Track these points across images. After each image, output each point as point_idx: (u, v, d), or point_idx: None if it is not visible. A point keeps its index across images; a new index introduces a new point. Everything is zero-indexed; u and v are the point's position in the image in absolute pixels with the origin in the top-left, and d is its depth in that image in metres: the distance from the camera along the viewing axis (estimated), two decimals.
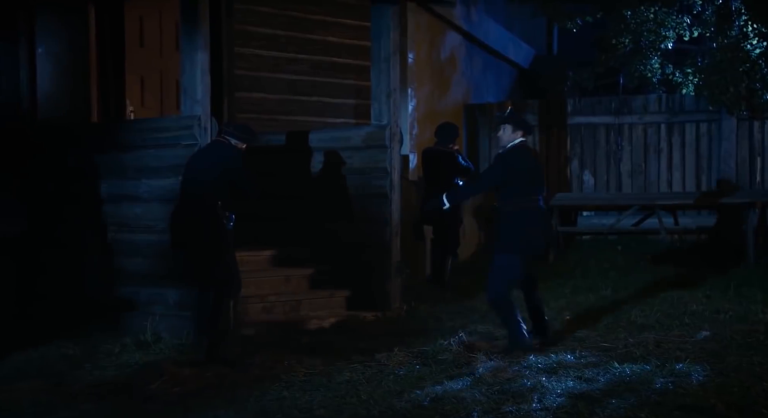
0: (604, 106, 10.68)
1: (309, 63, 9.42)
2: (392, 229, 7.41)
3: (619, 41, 10.19)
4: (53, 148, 7.25)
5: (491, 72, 11.87)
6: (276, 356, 5.71)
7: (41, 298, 7.09)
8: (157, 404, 4.80)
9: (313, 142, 7.90)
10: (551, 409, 4.44)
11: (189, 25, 6.46)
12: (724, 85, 9.50)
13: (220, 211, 5.94)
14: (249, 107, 8.96)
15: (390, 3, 7.39)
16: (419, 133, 10.30)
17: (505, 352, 5.64)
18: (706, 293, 7.81)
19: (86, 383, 5.23)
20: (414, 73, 10.36)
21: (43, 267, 7.19)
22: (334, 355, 5.74)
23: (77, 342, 6.22)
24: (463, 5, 10.90)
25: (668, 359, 5.32)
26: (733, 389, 4.73)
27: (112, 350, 6.03)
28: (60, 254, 7.11)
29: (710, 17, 10.00)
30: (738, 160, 10.00)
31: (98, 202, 6.95)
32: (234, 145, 6.10)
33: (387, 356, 5.58)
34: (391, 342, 6.09)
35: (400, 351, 5.71)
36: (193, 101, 6.44)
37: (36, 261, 7.19)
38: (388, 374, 5.21)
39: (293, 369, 5.40)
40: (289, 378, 5.21)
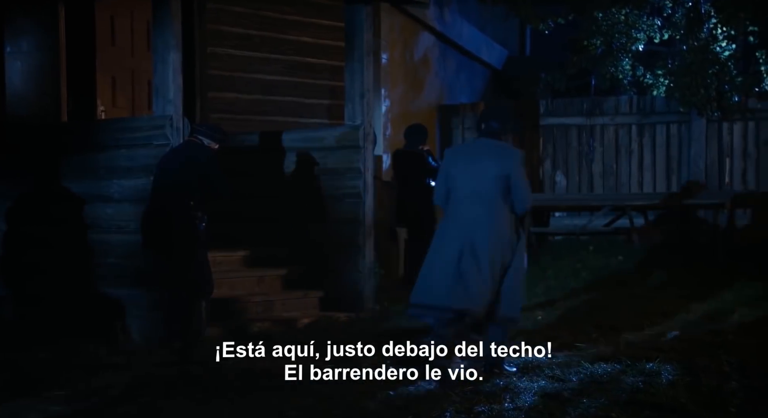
0: (576, 108, 10.77)
1: (283, 63, 9.40)
2: (366, 229, 7.42)
3: (591, 43, 10.27)
4: (24, 148, 7.17)
5: (465, 73, 11.91)
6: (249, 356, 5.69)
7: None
8: (128, 407, 4.76)
9: (287, 143, 7.88)
10: (523, 409, 4.47)
11: (161, 25, 6.42)
12: (695, 87, 9.61)
13: (193, 211, 5.92)
14: (222, 107, 8.92)
15: (363, 3, 7.40)
16: (393, 134, 10.32)
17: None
18: (676, 292, 7.90)
19: (57, 386, 5.17)
20: (388, 73, 10.37)
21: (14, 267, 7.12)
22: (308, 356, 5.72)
23: (47, 343, 6.16)
24: (437, 6, 10.94)
25: (639, 358, 5.37)
26: (703, 388, 4.78)
27: (83, 352, 5.97)
28: (33, 254, 7.03)
29: (680, 20, 10.11)
30: (708, 161, 10.12)
31: (69, 202, 6.88)
32: (206, 145, 6.08)
33: (360, 357, 5.58)
34: (364, 343, 6.09)
35: (373, 352, 5.71)
36: (166, 101, 6.40)
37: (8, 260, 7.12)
38: (362, 375, 5.20)
39: (267, 370, 5.38)
40: (262, 380, 5.19)
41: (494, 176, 5.18)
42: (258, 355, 5.71)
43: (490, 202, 5.19)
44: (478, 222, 5.18)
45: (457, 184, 5.28)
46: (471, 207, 5.21)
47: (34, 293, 6.98)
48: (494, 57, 12.43)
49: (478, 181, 5.21)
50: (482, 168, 5.21)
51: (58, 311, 6.77)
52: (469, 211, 5.21)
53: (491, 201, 5.19)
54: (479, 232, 5.17)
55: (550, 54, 12.12)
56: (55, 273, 6.94)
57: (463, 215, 5.23)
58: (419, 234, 8.52)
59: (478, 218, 5.18)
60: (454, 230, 5.25)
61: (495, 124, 5.34)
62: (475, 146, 5.39)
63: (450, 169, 5.34)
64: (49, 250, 6.99)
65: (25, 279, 7.06)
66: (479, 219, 5.18)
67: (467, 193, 5.24)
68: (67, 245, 6.91)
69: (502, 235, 5.21)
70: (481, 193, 5.19)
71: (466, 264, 5.17)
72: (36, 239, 7.06)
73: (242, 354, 5.75)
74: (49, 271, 6.97)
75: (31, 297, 6.97)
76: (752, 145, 9.97)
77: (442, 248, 5.29)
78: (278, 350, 5.94)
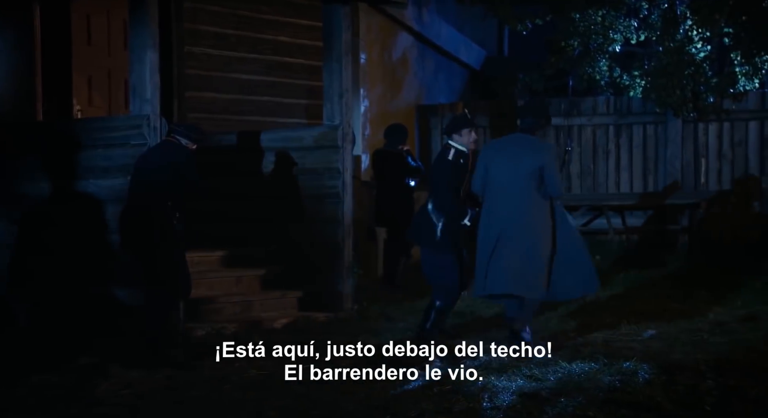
0: (553, 108, 10.80)
1: (261, 63, 9.38)
2: (344, 229, 7.41)
3: (568, 44, 10.32)
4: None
5: (443, 73, 11.93)
6: (227, 357, 5.67)
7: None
8: (105, 408, 4.72)
9: (265, 143, 7.86)
10: (502, 408, 4.49)
11: (138, 24, 6.38)
12: (671, 88, 9.68)
13: (170, 211, 5.88)
14: (200, 107, 8.88)
15: (341, 3, 7.39)
16: (372, 134, 10.32)
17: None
18: (652, 291, 7.96)
19: (31, 386, 5.12)
20: (366, 73, 10.37)
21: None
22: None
23: (23, 345, 6.10)
24: (415, 7, 10.95)
25: (616, 357, 5.41)
26: (679, 386, 4.82)
27: (59, 352, 5.92)
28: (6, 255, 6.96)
29: (656, 21, 10.18)
30: (683, 161, 10.20)
31: (44, 202, 6.82)
32: (184, 145, 6.04)
33: (339, 357, 5.58)
34: (342, 342, 6.09)
35: (351, 351, 5.71)
36: (143, 101, 6.36)
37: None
38: (340, 375, 5.20)
39: (244, 370, 5.36)
40: (240, 380, 5.17)
41: (530, 168, 5.70)
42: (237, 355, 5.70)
43: (526, 193, 5.70)
44: (517, 212, 5.70)
45: (496, 177, 5.79)
46: (510, 198, 5.73)
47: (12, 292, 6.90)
48: (472, 57, 12.46)
49: (515, 174, 5.72)
50: (519, 161, 5.74)
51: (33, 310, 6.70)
52: (509, 202, 5.73)
53: (527, 191, 5.70)
54: (518, 221, 5.69)
55: (529, 54, 12.17)
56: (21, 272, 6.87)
57: (503, 207, 5.75)
58: (398, 234, 8.52)
59: (517, 208, 5.70)
60: (496, 223, 5.75)
61: (530, 119, 5.88)
62: (511, 141, 5.91)
63: (488, 161, 5.85)
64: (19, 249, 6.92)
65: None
66: (518, 209, 5.70)
67: (505, 185, 5.74)
68: (40, 245, 6.85)
69: (539, 221, 5.72)
70: (519, 184, 5.71)
71: (501, 252, 5.67)
72: (6, 239, 6.98)
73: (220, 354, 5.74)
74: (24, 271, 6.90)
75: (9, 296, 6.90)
76: (727, 146, 10.06)
77: (488, 241, 5.76)
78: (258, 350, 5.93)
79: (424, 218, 6.13)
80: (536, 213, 5.72)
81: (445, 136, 6.51)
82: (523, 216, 5.69)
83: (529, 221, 5.70)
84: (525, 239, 5.68)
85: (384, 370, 5.28)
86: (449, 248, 6.03)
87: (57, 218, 6.79)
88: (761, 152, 9.93)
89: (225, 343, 6.16)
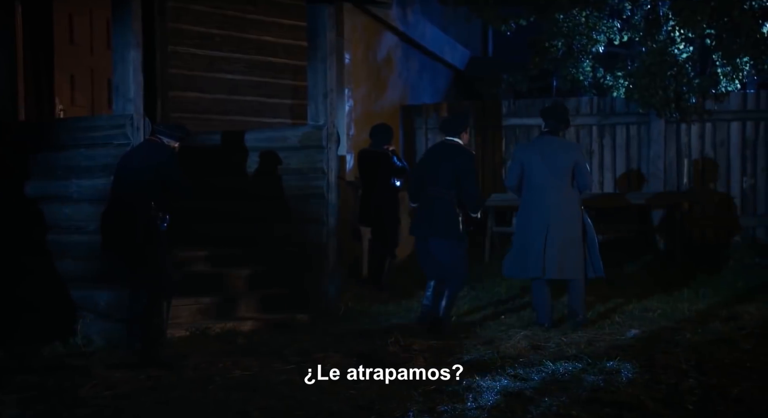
0: (538, 108, 10.75)
1: (245, 62, 9.35)
2: (329, 229, 7.41)
3: (552, 44, 10.35)
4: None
5: (427, 73, 11.94)
6: (211, 357, 5.65)
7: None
8: (88, 409, 4.70)
9: (249, 142, 7.84)
10: (486, 408, 4.50)
11: (121, 23, 6.35)
12: (653, 89, 9.72)
13: (153, 211, 5.86)
14: (184, 106, 8.85)
15: (326, 3, 7.39)
16: (356, 134, 10.31)
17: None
18: (635, 291, 8.01)
19: (13, 389, 5.08)
20: (351, 73, 10.36)
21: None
22: (270, 356, 5.71)
23: (4, 346, 6.05)
24: (400, 7, 10.95)
25: (599, 357, 5.43)
26: (661, 385, 4.85)
27: (41, 354, 5.88)
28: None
29: (639, 22, 10.23)
30: (666, 161, 10.25)
31: (26, 202, 6.78)
32: (167, 144, 6.03)
33: (323, 357, 5.57)
34: (327, 343, 6.09)
35: (336, 352, 5.71)
36: (126, 100, 6.33)
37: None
38: (325, 375, 5.20)
39: (229, 371, 5.35)
40: (224, 380, 5.16)
41: (564, 166, 6.54)
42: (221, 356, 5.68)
43: (562, 188, 6.54)
44: (555, 205, 6.52)
45: (534, 174, 6.57)
46: (547, 193, 6.54)
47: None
48: (457, 58, 12.48)
49: (551, 172, 6.54)
50: (554, 160, 6.54)
51: (13, 312, 6.65)
52: (547, 197, 6.53)
53: (563, 187, 6.54)
54: (556, 213, 6.50)
55: (513, 55, 12.19)
56: (11, 274, 6.82)
57: (541, 201, 6.54)
58: (383, 234, 8.53)
59: (555, 202, 6.52)
60: (536, 215, 6.54)
61: (553, 122, 6.68)
62: (543, 142, 6.68)
63: (524, 161, 6.62)
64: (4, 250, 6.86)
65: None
66: (555, 203, 6.52)
67: (542, 182, 6.55)
68: (23, 246, 6.80)
69: (573, 213, 6.57)
70: (555, 181, 6.54)
71: (551, 240, 6.48)
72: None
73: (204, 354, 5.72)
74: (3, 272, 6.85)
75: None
76: (709, 146, 10.12)
77: (528, 230, 6.57)
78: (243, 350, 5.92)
79: (444, 211, 6.47)
80: (572, 205, 6.58)
81: (446, 134, 6.70)
82: (565, 208, 6.53)
83: (568, 212, 6.54)
84: (568, 229, 6.52)
85: (369, 370, 5.29)
86: (466, 238, 6.59)
87: (39, 219, 6.74)
88: (743, 152, 10.00)
89: (209, 343, 6.16)
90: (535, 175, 6.59)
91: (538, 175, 6.57)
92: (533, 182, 6.60)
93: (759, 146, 9.95)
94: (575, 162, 6.56)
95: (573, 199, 6.60)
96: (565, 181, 6.55)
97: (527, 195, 6.63)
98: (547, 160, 6.55)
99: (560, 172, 6.54)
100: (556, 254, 6.51)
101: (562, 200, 6.54)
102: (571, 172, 6.55)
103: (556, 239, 6.51)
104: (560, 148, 6.63)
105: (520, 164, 6.66)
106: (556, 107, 6.98)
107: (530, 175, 6.60)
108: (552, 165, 6.54)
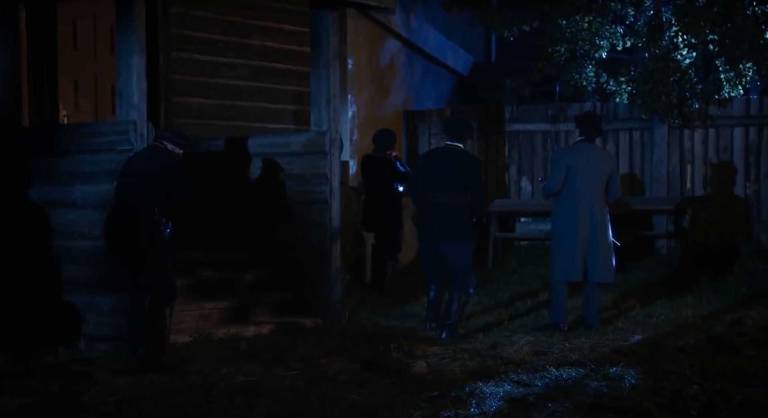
0: (541, 114, 10.85)
1: (248, 68, 9.37)
2: (332, 234, 7.41)
3: (555, 50, 10.35)
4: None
5: (430, 79, 11.96)
6: (214, 363, 5.65)
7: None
8: (91, 414, 4.70)
9: (253, 148, 7.85)
10: (489, 413, 4.49)
11: (124, 29, 6.37)
12: (656, 94, 9.72)
13: (157, 217, 5.87)
14: (187, 112, 8.86)
15: (329, 9, 7.40)
16: (359, 140, 10.32)
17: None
18: (638, 297, 8.00)
19: (16, 394, 5.08)
20: (354, 79, 10.38)
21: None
22: (273, 361, 5.70)
23: (7, 351, 6.06)
24: (403, 12, 10.97)
25: (603, 362, 5.43)
26: (665, 391, 4.84)
27: (45, 360, 5.89)
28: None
29: (642, 28, 10.24)
30: (669, 167, 10.24)
31: (29, 207, 6.78)
32: (170, 150, 6.04)
33: (326, 362, 5.57)
34: (330, 348, 6.09)
35: (339, 357, 5.71)
36: (129, 106, 6.34)
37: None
38: (328, 381, 5.20)
39: (232, 376, 5.34)
40: (227, 385, 5.16)
41: (604, 174, 6.88)
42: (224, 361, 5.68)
43: (600, 194, 6.88)
44: (598, 210, 6.85)
45: (578, 179, 6.83)
46: (592, 198, 6.84)
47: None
48: (460, 63, 12.49)
49: (591, 177, 6.84)
50: (594, 166, 6.86)
51: (17, 318, 6.66)
52: (592, 201, 6.84)
53: (601, 193, 6.89)
54: (601, 219, 6.85)
55: (516, 60, 12.20)
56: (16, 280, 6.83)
57: (587, 205, 6.83)
58: (386, 239, 8.54)
59: (598, 206, 6.86)
60: (577, 217, 6.82)
61: (587, 130, 6.97)
62: (585, 149, 6.95)
63: (569, 165, 6.86)
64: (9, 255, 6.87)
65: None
66: (599, 208, 6.86)
67: (587, 187, 6.83)
68: (28, 251, 6.81)
69: (608, 219, 6.93)
70: (597, 186, 6.87)
71: (595, 244, 6.81)
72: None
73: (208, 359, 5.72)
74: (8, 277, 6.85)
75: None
76: (712, 152, 10.12)
77: (572, 232, 6.83)
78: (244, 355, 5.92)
79: (457, 216, 6.60)
80: (607, 212, 6.93)
81: (451, 137, 6.83)
82: (604, 214, 6.89)
83: (605, 218, 6.90)
84: (606, 234, 6.87)
85: (372, 375, 5.29)
86: (474, 242, 6.82)
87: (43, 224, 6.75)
88: (746, 158, 9.99)
89: (212, 348, 6.16)
90: (579, 180, 6.82)
91: (584, 181, 6.81)
92: (576, 187, 6.82)
93: (762, 152, 9.93)
94: (611, 171, 6.93)
95: (606, 206, 6.93)
96: (602, 188, 6.88)
97: (569, 198, 6.83)
98: (592, 166, 6.83)
99: (601, 179, 6.86)
100: (599, 258, 6.81)
101: (602, 206, 6.88)
102: (606, 181, 6.88)
103: (600, 243, 6.81)
104: (602, 156, 7.04)
105: (566, 168, 6.85)
106: (589, 115, 7.21)
107: (574, 179, 6.82)
108: (596, 171, 6.84)
